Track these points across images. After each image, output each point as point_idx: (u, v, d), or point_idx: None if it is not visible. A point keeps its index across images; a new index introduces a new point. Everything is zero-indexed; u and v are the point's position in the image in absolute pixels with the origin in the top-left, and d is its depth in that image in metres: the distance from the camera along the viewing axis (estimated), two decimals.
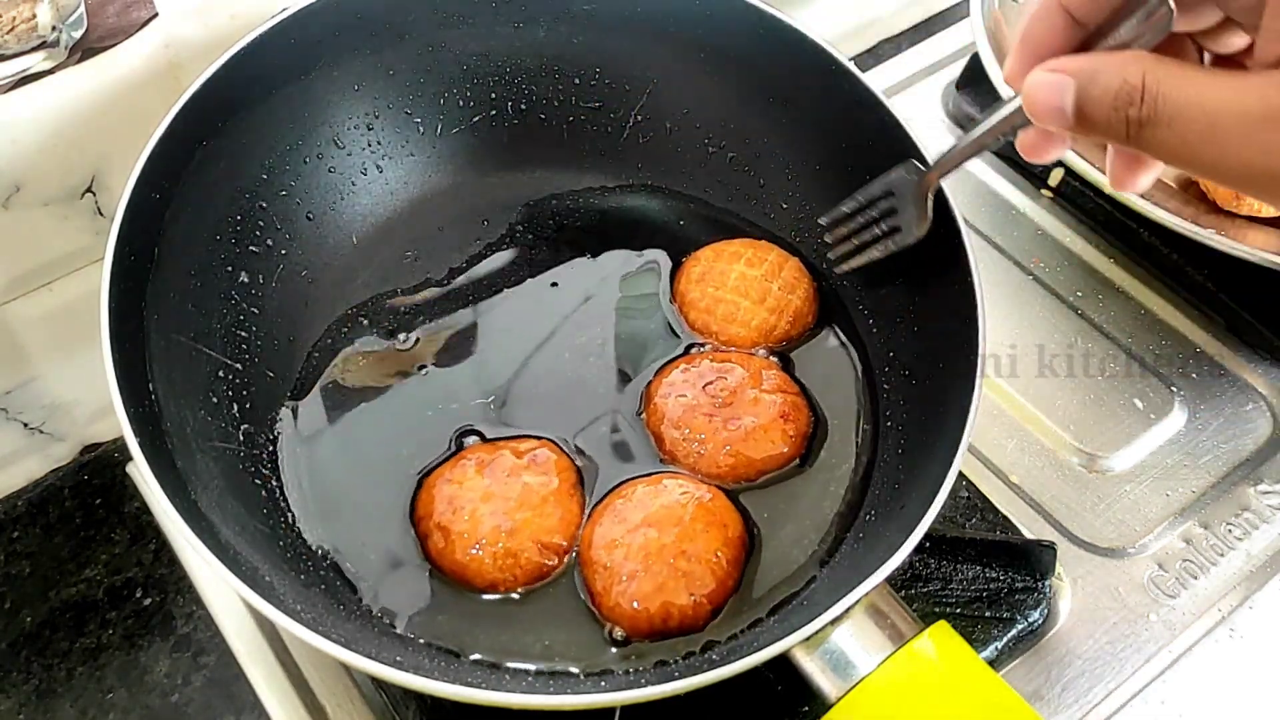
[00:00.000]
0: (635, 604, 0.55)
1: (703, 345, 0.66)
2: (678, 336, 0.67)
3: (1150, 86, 0.36)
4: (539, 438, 0.62)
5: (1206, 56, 0.44)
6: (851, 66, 0.64)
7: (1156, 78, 0.36)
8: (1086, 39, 0.41)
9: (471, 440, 0.62)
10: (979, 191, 0.86)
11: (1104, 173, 0.46)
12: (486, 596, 0.57)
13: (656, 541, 0.56)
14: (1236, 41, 0.42)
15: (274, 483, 0.60)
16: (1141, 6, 0.39)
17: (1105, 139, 0.40)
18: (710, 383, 0.62)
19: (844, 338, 0.67)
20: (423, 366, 0.65)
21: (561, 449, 0.61)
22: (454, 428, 0.62)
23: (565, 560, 0.58)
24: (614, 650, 0.55)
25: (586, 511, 0.59)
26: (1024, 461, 0.72)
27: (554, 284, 0.69)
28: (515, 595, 0.57)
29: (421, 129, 0.70)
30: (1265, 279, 0.70)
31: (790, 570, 0.59)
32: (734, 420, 0.61)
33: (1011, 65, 0.42)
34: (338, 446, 0.62)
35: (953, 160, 0.56)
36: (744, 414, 0.61)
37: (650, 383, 0.64)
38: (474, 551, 0.56)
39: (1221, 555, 0.68)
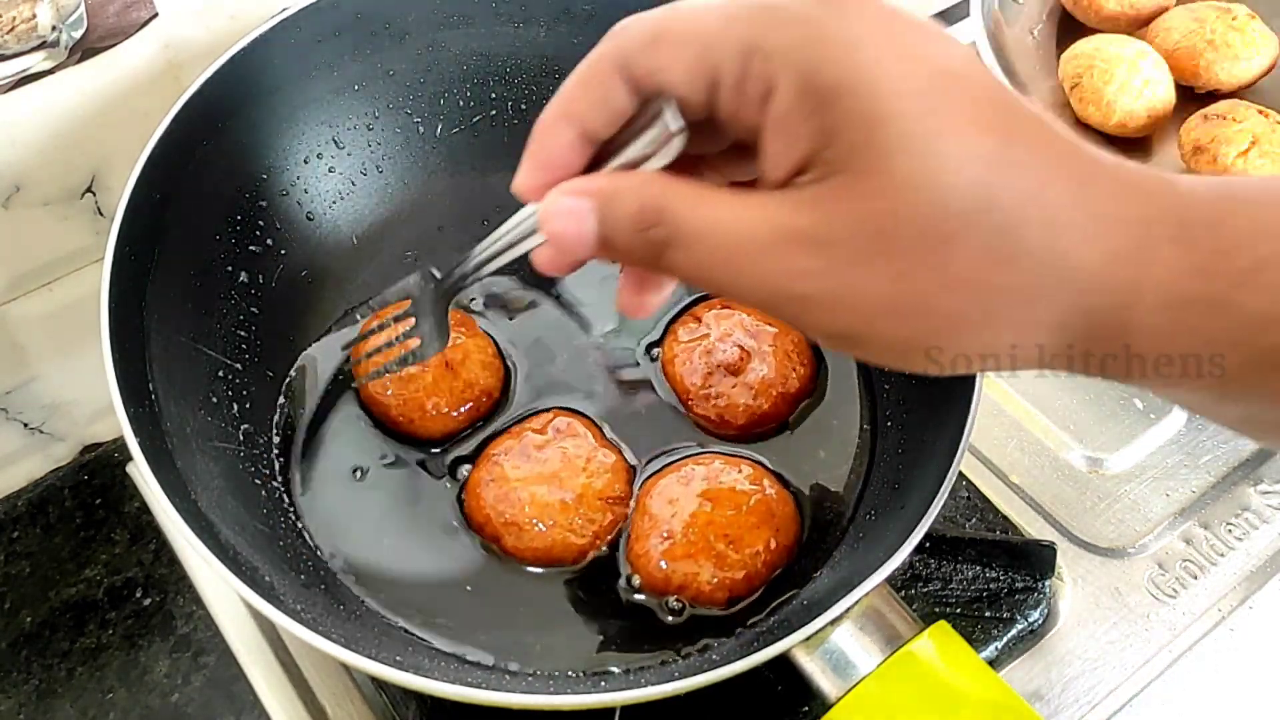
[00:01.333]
0: (662, 563, 0.56)
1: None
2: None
3: (668, 207, 0.35)
4: (544, 410, 0.63)
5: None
6: None
7: (675, 197, 0.35)
8: (597, 155, 0.39)
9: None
10: None
11: None
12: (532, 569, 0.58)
13: (707, 515, 0.57)
14: (749, 169, 0.39)
15: (274, 483, 0.60)
16: (653, 124, 0.36)
17: (631, 263, 0.38)
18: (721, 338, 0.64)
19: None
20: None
21: (571, 410, 0.63)
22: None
23: (630, 504, 0.60)
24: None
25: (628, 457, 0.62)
26: (1024, 461, 0.72)
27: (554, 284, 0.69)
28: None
29: (421, 129, 0.70)
30: None
31: (791, 569, 0.59)
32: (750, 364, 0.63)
33: (521, 177, 0.40)
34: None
35: (467, 277, 0.50)
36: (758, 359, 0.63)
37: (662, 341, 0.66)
38: (553, 533, 0.58)
39: (1221, 555, 0.68)
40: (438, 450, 0.62)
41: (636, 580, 0.57)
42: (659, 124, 0.36)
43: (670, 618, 0.56)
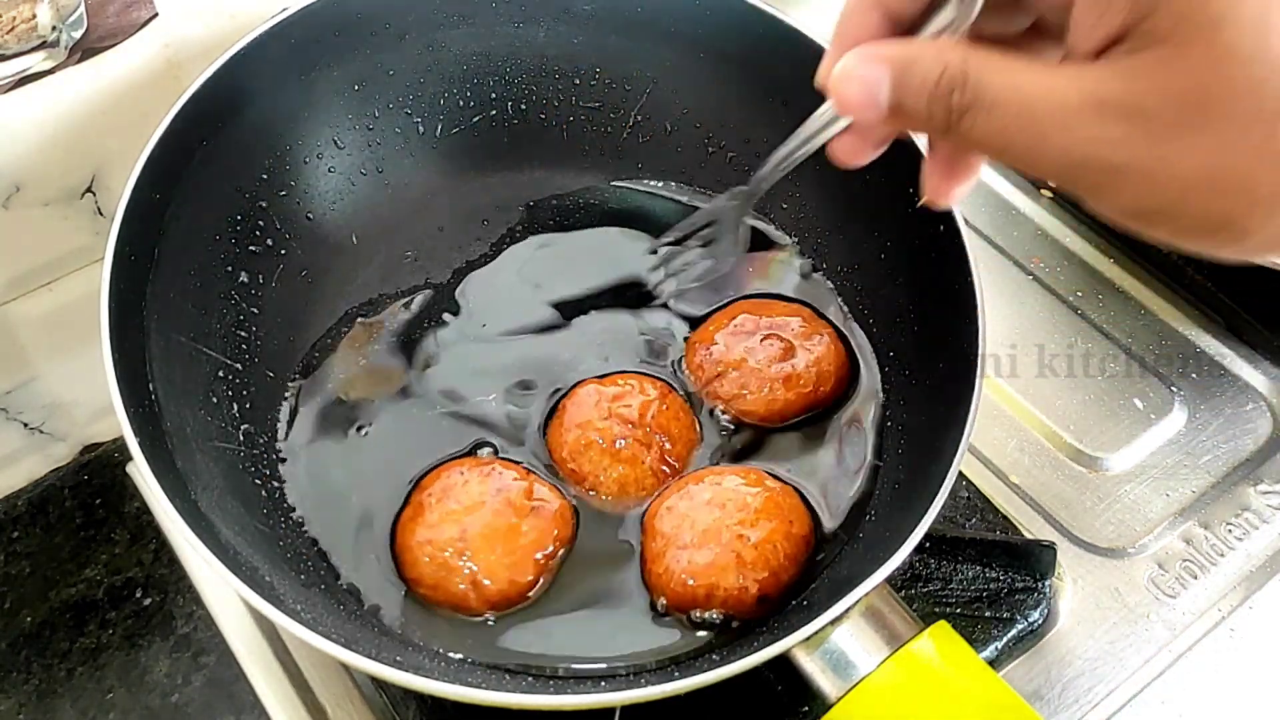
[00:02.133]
0: (685, 577, 0.55)
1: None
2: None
3: (971, 73, 0.35)
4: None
5: None
6: None
7: (977, 64, 0.35)
8: (900, 35, 0.40)
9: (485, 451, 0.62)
10: (979, 191, 0.86)
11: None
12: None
13: (718, 521, 0.56)
14: (1043, 54, 0.41)
15: (274, 483, 0.60)
16: (949, 2, 0.38)
17: (920, 128, 0.38)
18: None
19: (844, 338, 0.67)
20: (428, 365, 0.65)
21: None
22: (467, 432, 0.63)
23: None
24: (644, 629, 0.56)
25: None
26: (1024, 461, 0.72)
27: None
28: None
29: (421, 129, 0.70)
30: (1265, 279, 0.70)
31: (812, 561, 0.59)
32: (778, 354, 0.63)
33: (825, 65, 0.40)
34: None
35: (765, 179, 0.54)
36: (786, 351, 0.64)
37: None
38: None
39: (1221, 555, 0.68)
40: None
41: (663, 602, 0.57)
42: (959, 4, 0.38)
43: (702, 632, 0.56)
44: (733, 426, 0.63)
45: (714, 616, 0.56)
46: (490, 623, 0.56)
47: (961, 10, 0.38)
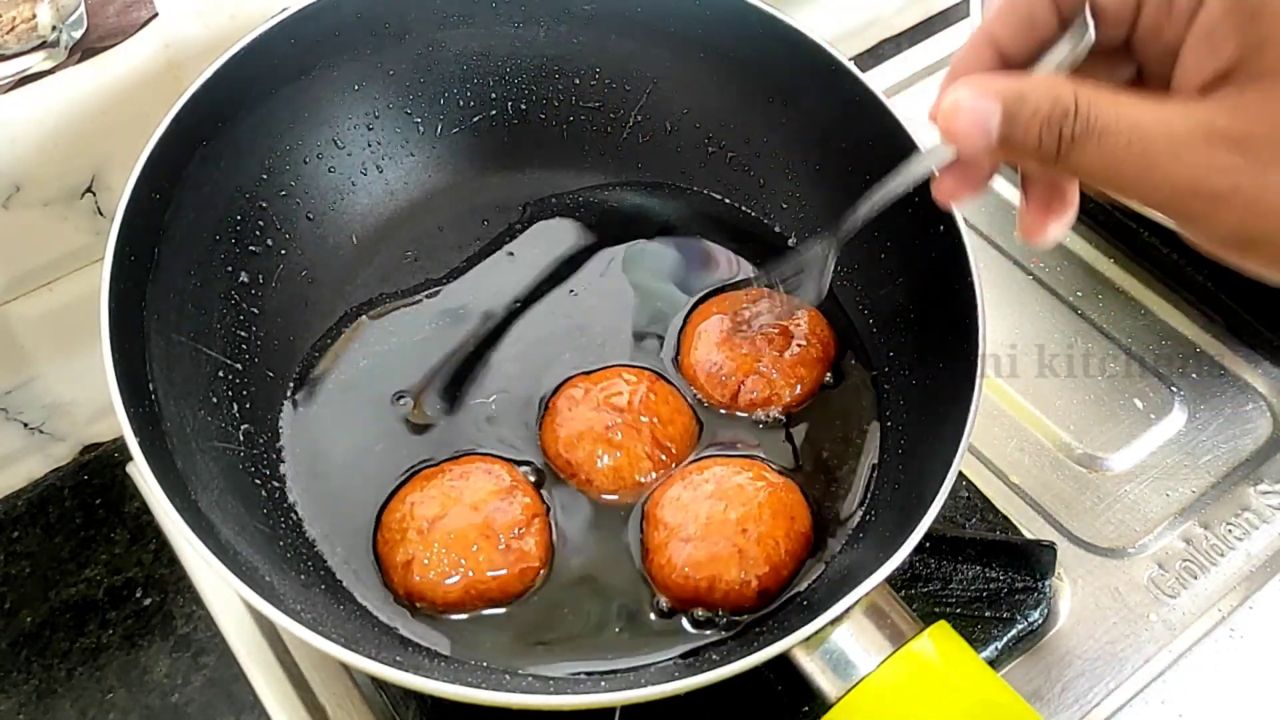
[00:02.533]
0: (686, 569, 0.56)
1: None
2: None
3: (1082, 103, 0.37)
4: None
5: None
6: (851, 66, 0.64)
7: (1087, 96, 0.37)
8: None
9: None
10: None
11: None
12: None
13: (721, 514, 0.57)
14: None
15: (274, 483, 0.60)
16: (1065, 38, 0.41)
17: (1029, 159, 0.39)
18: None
19: (844, 338, 0.67)
20: (427, 366, 0.65)
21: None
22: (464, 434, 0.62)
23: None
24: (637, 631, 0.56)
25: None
26: (1024, 461, 0.72)
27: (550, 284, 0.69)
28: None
29: (421, 129, 0.70)
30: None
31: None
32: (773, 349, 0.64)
33: (938, 102, 0.42)
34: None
35: (861, 218, 0.55)
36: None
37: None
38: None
39: (1221, 555, 0.68)
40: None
41: (663, 600, 0.57)
42: (1067, 38, 0.40)
43: (696, 629, 0.56)
44: (767, 419, 0.64)
45: (718, 616, 0.56)
46: (484, 620, 0.56)
47: (1071, 52, 0.41)
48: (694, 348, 0.65)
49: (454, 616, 0.56)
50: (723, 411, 0.64)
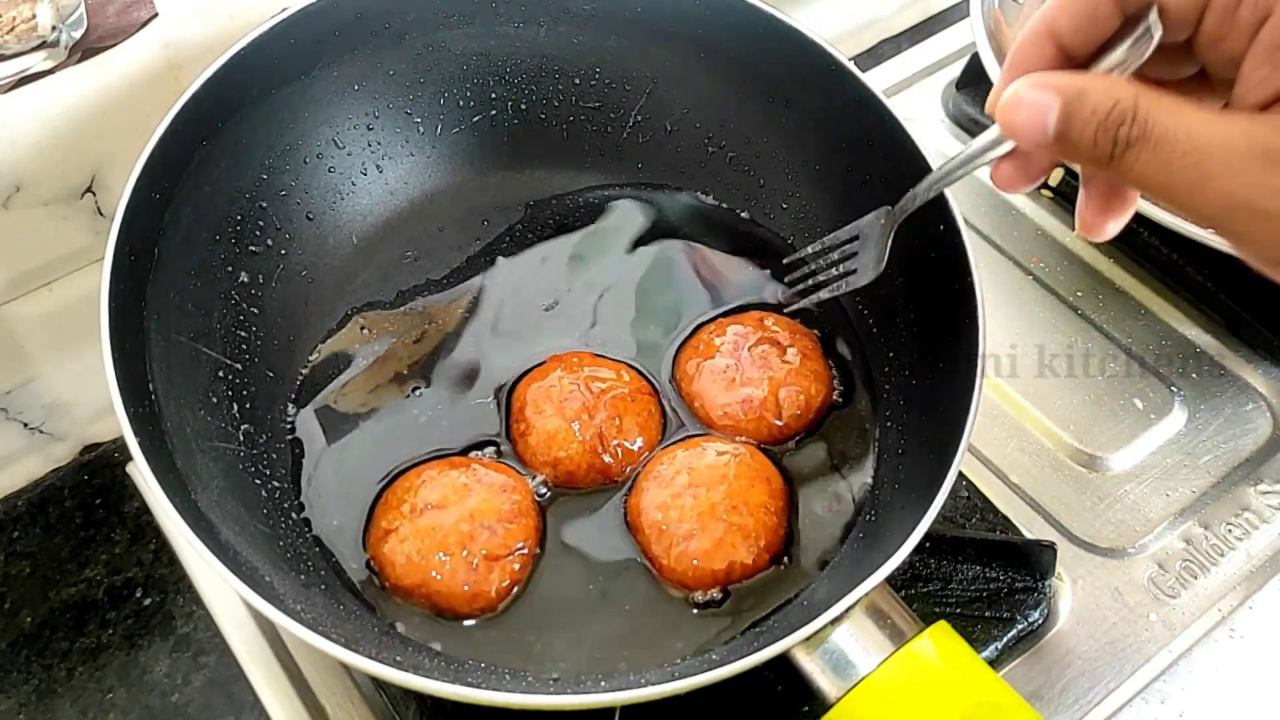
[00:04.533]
0: (695, 562, 0.56)
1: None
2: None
3: (1141, 108, 0.37)
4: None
5: None
6: (851, 66, 0.64)
7: (1147, 101, 0.37)
8: (1071, 68, 0.41)
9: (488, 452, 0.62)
10: (979, 191, 0.86)
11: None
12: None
13: (707, 500, 0.57)
14: (1204, 100, 0.42)
15: (274, 483, 0.60)
16: (1129, 36, 0.40)
17: (1083, 160, 0.39)
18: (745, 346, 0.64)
19: (844, 338, 0.67)
20: (427, 366, 0.65)
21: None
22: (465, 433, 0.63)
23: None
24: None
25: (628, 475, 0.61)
26: (1024, 461, 0.72)
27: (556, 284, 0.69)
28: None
29: (421, 129, 0.70)
30: (1265, 279, 0.70)
31: (793, 570, 0.59)
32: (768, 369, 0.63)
33: (996, 93, 0.42)
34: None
35: (919, 197, 0.55)
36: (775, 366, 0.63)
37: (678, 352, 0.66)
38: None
39: (1221, 555, 0.68)
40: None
41: (699, 595, 0.57)
42: (1131, 37, 0.39)
43: (697, 610, 0.57)
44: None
45: (719, 594, 0.57)
46: (474, 624, 0.56)
47: (1134, 52, 0.40)
48: (698, 385, 0.64)
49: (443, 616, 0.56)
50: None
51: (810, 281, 0.63)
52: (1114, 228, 0.45)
